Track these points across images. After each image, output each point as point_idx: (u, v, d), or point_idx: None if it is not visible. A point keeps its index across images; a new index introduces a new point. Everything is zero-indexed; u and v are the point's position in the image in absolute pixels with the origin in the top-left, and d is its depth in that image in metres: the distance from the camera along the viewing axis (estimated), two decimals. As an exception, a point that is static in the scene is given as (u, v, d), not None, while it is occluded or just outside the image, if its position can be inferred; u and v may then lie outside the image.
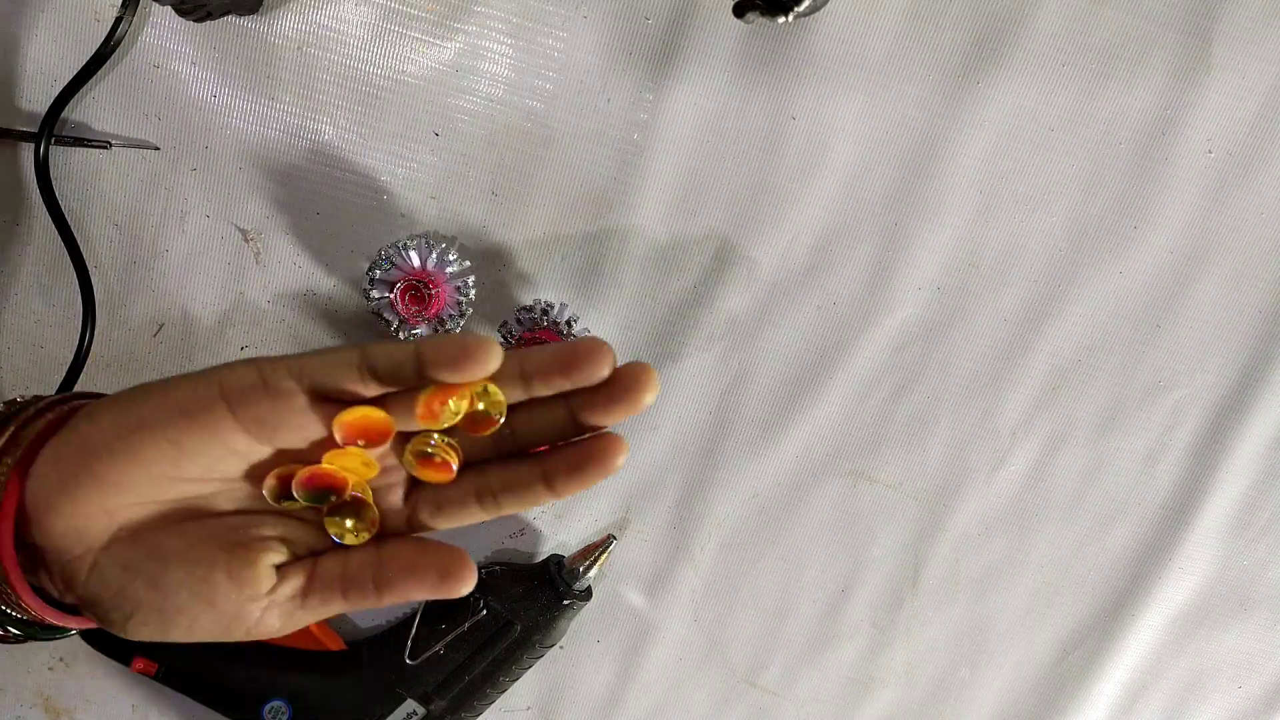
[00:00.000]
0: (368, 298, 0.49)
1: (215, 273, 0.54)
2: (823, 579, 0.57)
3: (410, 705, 0.53)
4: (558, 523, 0.56)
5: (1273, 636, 0.58)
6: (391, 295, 0.49)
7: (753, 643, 0.58)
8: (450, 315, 0.50)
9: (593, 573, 0.54)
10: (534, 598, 0.53)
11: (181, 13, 0.48)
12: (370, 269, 0.49)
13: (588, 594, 0.55)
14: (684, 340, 0.54)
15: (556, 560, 0.55)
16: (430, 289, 0.49)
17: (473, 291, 0.51)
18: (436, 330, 0.50)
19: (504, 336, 0.52)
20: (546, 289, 0.54)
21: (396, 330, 0.50)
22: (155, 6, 0.50)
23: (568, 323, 0.52)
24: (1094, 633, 0.57)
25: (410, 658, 0.53)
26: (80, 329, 0.53)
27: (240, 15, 0.50)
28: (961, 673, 0.58)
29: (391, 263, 0.49)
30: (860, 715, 0.58)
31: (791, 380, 0.55)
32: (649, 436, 0.55)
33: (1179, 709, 0.58)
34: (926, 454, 0.56)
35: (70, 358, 0.53)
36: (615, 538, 0.55)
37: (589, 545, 0.54)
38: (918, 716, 0.59)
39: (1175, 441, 0.56)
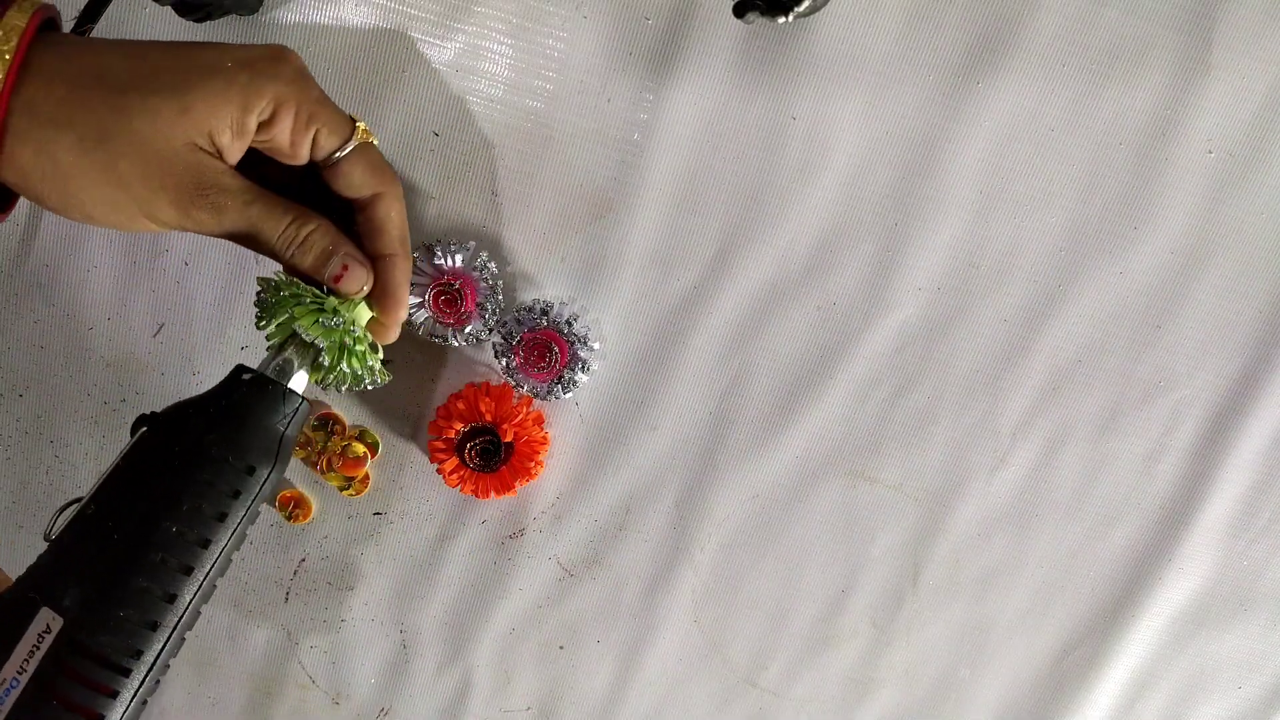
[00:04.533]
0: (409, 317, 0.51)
1: (215, 273, 0.54)
2: (823, 579, 0.57)
3: (45, 616, 0.37)
4: (557, 523, 0.56)
5: (1273, 637, 0.58)
6: (425, 299, 0.51)
7: (753, 643, 0.58)
8: (486, 299, 0.52)
9: (301, 362, 0.41)
10: (211, 401, 0.40)
11: (181, 13, 0.48)
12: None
13: (281, 370, 0.42)
14: (684, 340, 0.54)
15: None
16: (460, 288, 0.51)
17: (492, 264, 0.52)
18: (484, 320, 0.51)
19: (503, 336, 0.52)
20: (546, 288, 0.54)
21: (448, 338, 0.52)
22: (155, 7, 0.50)
23: (568, 322, 0.52)
24: (1094, 633, 0.57)
25: (48, 535, 0.39)
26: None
27: (240, 15, 0.50)
28: (961, 673, 0.58)
29: (419, 269, 0.51)
30: (860, 715, 0.58)
31: (791, 380, 0.55)
32: (649, 436, 0.55)
33: (1179, 709, 0.58)
34: (926, 454, 0.56)
35: (71, 357, 0.53)
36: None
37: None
38: (918, 716, 0.59)
39: (1175, 441, 0.56)
